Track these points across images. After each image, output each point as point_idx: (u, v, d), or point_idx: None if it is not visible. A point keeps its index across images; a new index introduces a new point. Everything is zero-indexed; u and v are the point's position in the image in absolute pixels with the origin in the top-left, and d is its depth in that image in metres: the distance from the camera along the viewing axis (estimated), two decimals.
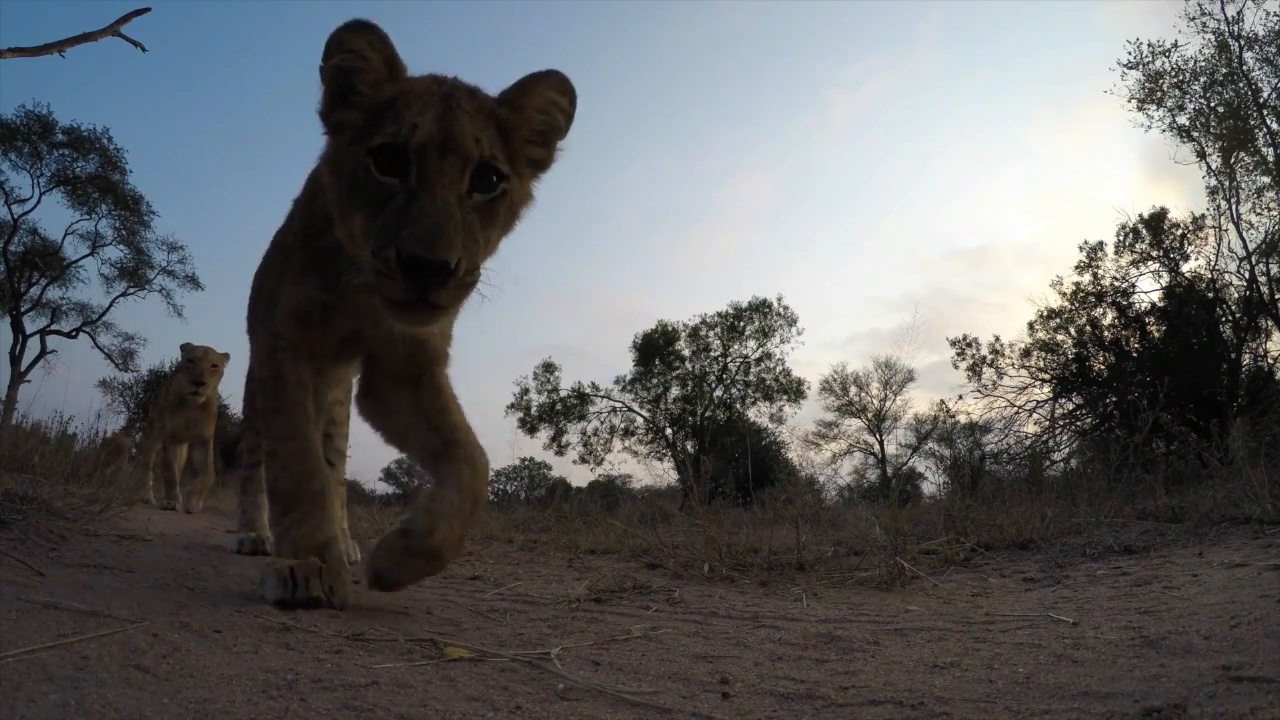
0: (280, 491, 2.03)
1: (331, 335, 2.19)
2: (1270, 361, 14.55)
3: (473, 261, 1.67)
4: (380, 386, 2.29)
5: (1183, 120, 15.37)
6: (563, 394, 25.32)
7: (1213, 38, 14.95)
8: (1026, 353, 17.50)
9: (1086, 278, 17.06)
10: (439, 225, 1.56)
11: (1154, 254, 16.41)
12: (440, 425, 2.14)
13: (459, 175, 1.69)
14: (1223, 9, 14.79)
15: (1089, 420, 15.56)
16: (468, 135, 1.70)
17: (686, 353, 25.74)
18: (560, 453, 25.43)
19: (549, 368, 25.43)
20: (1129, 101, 15.88)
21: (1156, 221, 16.40)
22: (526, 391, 25.28)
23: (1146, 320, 15.92)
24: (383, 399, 2.28)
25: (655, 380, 25.57)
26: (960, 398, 18.65)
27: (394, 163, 1.68)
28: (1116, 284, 16.68)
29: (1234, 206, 14.95)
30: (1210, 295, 14.99)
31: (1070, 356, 16.69)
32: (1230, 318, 14.91)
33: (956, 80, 52.61)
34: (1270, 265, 14.56)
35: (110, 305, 24.20)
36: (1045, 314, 17.30)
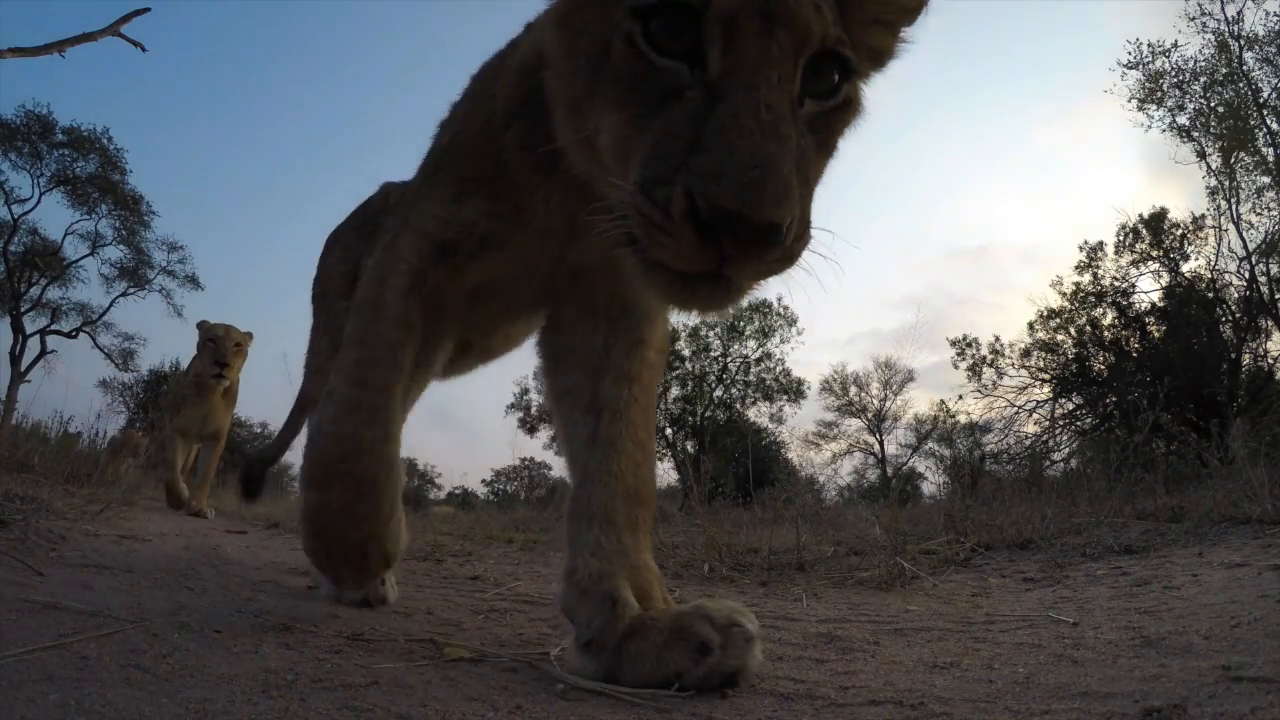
0: (322, 453, 1.47)
1: (472, 281, 1.60)
2: (1270, 361, 14.58)
3: (806, 216, 1.07)
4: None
5: (1183, 120, 15.42)
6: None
7: (1213, 38, 14.98)
8: (1026, 353, 17.53)
9: (1086, 278, 17.10)
10: (769, 159, 0.94)
11: (1154, 254, 16.43)
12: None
13: (792, 67, 1.05)
14: (1223, 9, 14.82)
15: (1089, 420, 15.58)
16: (805, 0, 1.07)
17: (686, 353, 25.75)
18: (561, 453, 25.45)
19: None
20: (1129, 101, 15.93)
21: (1156, 221, 16.43)
22: (526, 391, 25.30)
23: (1146, 320, 15.94)
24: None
25: None
26: (960, 398, 18.70)
27: (679, 34, 1.05)
28: (1116, 284, 16.71)
29: (1234, 206, 14.99)
30: (1210, 295, 15.01)
31: (1070, 356, 16.70)
32: (1230, 318, 14.93)
33: (956, 79, 52.70)
34: (1270, 265, 14.58)
35: (110, 305, 24.30)
36: (1045, 314, 17.33)
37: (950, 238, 49.02)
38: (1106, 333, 16.45)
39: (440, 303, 1.59)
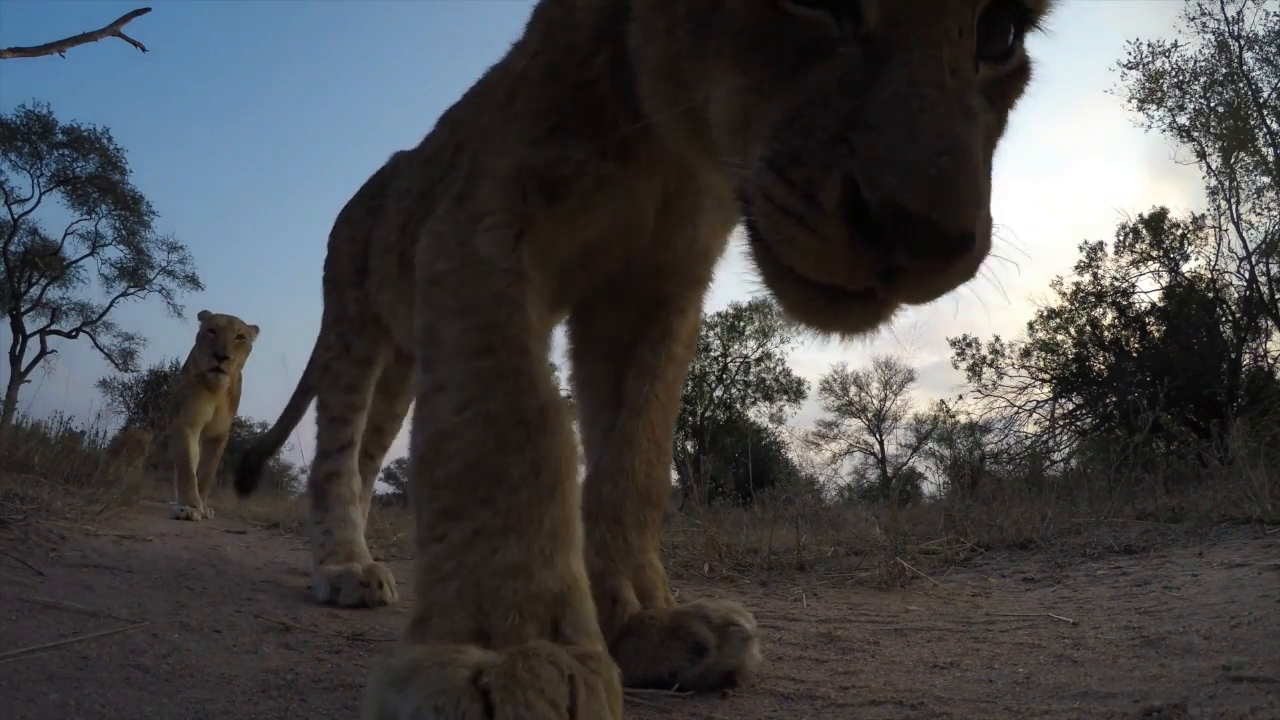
0: (452, 469, 0.99)
1: (581, 240, 1.25)
2: (1270, 361, 14.60)
3: (989, 213, 0.80)
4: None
5: (1183, 120, 15.45)
6: (564, 393, 25.34)
7: (1213, 38, 15.01)
8: (1026, 353, 17.56)
9: (1086, 278, 17.14)
10: (959, 143, 0.69)
11: (1154, 254, 16.45)
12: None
13: (970, 19, 0.78)
14: (1223, 9, 14.86)
15: (1089, 420, 15.60)
16: None
17: None
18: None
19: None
20: (1129, 101, 15.97)
21: (1156, 221, 16.46)
22: None
23: (1146, 320, 15.95)
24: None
25: None
26: (960, 398, 18.77)
27: None
28: (1116, 284, 16.74)
29: (1234, 206, 15.02)
30: (1210, 295, 15.02)
31: (1070, 356, 16.72)
32: (1230, 318, 14.94)
33: None
34: (1270, 265, 14.60)
35: (110, 305, 24.34)
36: (1045, 314, 17.36)
37: None
38: (1106, 333, 16.47)
39: (550, 256, 1.19)
